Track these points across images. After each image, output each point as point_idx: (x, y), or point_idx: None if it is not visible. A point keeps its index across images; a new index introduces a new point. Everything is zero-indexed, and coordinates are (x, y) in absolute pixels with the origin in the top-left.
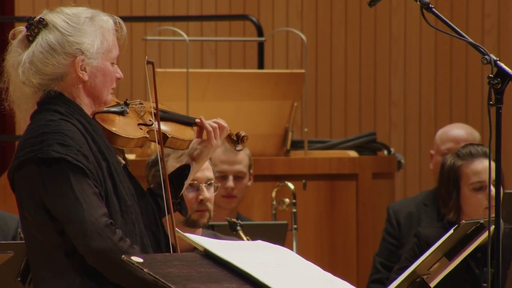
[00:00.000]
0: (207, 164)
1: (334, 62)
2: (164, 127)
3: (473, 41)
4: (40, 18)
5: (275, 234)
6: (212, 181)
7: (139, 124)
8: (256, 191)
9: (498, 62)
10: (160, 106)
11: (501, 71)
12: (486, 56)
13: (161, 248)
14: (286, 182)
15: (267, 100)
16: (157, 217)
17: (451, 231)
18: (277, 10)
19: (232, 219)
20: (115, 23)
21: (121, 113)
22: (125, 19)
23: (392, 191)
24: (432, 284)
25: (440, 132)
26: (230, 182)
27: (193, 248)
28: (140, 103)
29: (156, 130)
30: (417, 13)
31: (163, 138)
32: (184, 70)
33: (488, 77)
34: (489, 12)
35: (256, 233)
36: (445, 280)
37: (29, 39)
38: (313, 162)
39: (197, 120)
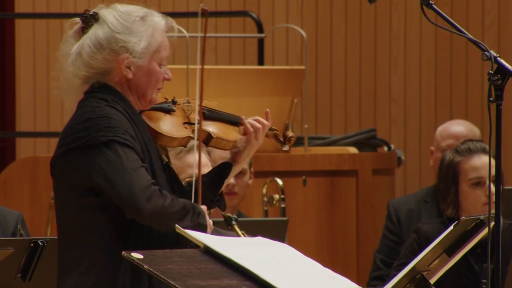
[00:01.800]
0: (206, 160)
1: (334, 59)
2: (210, 126)
3: (473, 38)
4: (94, 12)
5: (275, 231)
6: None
7: (184, 123)
8: (256, 188)
9: (498, 58)
10: (208, 104)
11: (501, 68)
12: (486, 53)
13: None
14: (275, 178)
15: (267, 96)
16: None
17: (451, 227)
18: (277, 7)
19: (227, 214)
20: (167, 24)
21: (168, 111)
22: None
23: (392, 188)
24: (432, 281)
25: (440, 128)
26: (231, 179)
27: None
28: (187, 102)
29: (198, 129)
30: (417, 9)
31: (208, 138)
32: (184, 66)
33: (488, 73)
34: (489, 8)
35: (256, 229)
36: (445, 276)
37: (83, 31)
38: (313, 159)
39: (241, 120)
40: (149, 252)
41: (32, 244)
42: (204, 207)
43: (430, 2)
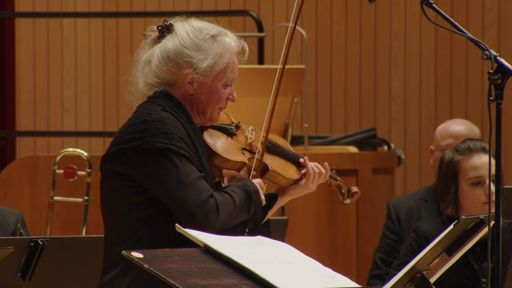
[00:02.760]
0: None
1: (334, 58)
2: (269, 159)
3: (473, 37)
4: (170, 23)
5: (275, 230)
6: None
7: (243, 149)
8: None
9: (498, 57)
10: (273, 138)
11: (501, 67)
12: (486, 52)
13: None
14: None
15: (267, 95)
16: None
17: (451, 226)
18: (277, 6)
19: None
20: (238, 46)
21: (230, 134)
22: (125, 14)
23: (392, 187)
24: (432, 280)
25: (440, 127)
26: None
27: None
28: (253, 130)
29: (260, 159)
30: (417, 8)
31: (264, 170)
32: None
33: (488, 72)
34: (489, 7)
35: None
36: (445, 275)
37: (159, 40)
38: (313, 158)
39: (301, 160)
40: (149, 251)
41: (32, 244)
42: (257, 181)
43: (430, 1)
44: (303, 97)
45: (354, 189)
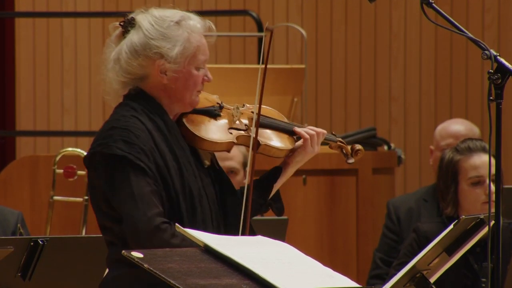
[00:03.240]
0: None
1: (334, 57)
2: (259, 133)
3: (473, 36)
4: (131, 17)
5: (275, 230)
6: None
7: (230, 128)
8: None
9: (498, 57)
10: (263, 112)
11: (501, 66)
12: (486, 51)
13: None
14: None
15: (267, 95)
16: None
17: (451, 226)
18: (277, 5)
19: None
20: (204, 26)
21: (214, 116)
22: (125, 14)
23: (392, 187)
24: (432, 280)
25: (439, 127)
26: None
27: None
28: (237, 107)
29: (250, 136)
30: (417, 8)
31: (255, 144)
32: None
33: (488, 72)
34: (489, 7)
35: (256, 228)
36: (444, 275)
37: (124, 35)
38: (313, 157)
39: (295, 129)
40: (149, 251)
41: (32, 243)
42: None
43: (430, 1)
44: (303, 97)
45: (358, 146)
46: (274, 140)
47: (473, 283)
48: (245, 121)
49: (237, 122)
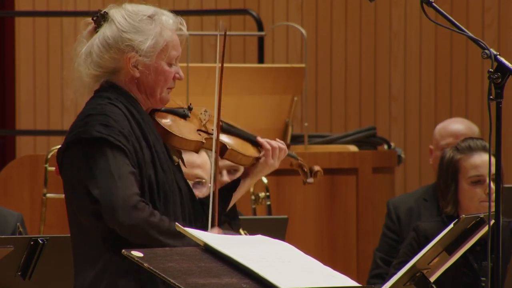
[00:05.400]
0: (201, 161)
1: (334, 57)
2: (226, 139)
3: (473, 36)
4: (104, 12)
5: (275, 229)
6: (203, 181)
7: (198, 130)
8: (256, 187)
9: (498, 56)
10: (226, 120)
11: (501, 66)
12: (486, 51)
13: None
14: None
15: (267, 94)
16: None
17: (451, 225)
18: (277, 5)
19: None
20: (176, 23)
21: (183, 117)
22: None
23: (392, 186)
24: (432, 279)
25: (439, 127)
26: (225, 177)
27: None
28: (205, 111)
29: (216, 140)
30: (417, 7)
31: (222, 149)
32: (184, 64)
33: (488, 71)
34: (489, 6)
35: (256, 227)
36: (444, 274)
37: (96, 31)
38: (313, 157)
39: (258, 139)
40: (149, 250)
41: (32, 242)
42: (215, 230)
43: (430, 0)
44: (303, 96)
45: (316, 168)
46: (240, 146)
47: (473, 282)
48: (211, 127)
49: (206, 125)
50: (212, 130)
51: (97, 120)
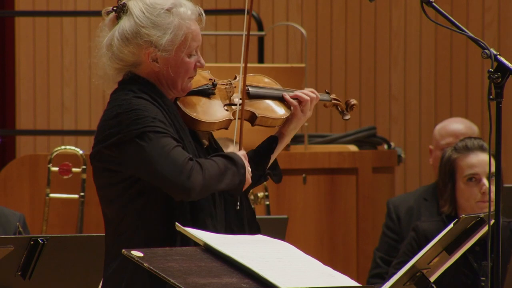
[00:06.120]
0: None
1: (334, 56)
2: (254, 105)
3: (473, 35)
4: (123, 3)
5: (275, 228)
6: None
7: (225, 105)
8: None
9: (498, 56)
10: (253, 80)
11: (501, 65)
12: (486, 50)
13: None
14: None
15: None
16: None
17: (451, 225)
18: (277, 4)
19: None
20: (195, 13)
21: (207, 95)
22: None
23: (392, 186)
24: (432, 278)
25: (438, 126)
26: None
27: None
28: (229, 83)
29: (246, 110)
30: (417, 7)
31: (252, 117)
32: None
33: (488, 71)
34: (489, 6)
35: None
36: (444, 274)
37: (117, 20)
38: (313, 157)
39: (284, 95)
40: (149, 250)
41: (32, 242)
42: (241, 153)
43: (430, 0)
44: None
45: (353, 101)
46: (270, 110)
47: (473, 282)
48: (238, 96)
49: (231, 97)
50: (240, 100)
51: (128, 118)
